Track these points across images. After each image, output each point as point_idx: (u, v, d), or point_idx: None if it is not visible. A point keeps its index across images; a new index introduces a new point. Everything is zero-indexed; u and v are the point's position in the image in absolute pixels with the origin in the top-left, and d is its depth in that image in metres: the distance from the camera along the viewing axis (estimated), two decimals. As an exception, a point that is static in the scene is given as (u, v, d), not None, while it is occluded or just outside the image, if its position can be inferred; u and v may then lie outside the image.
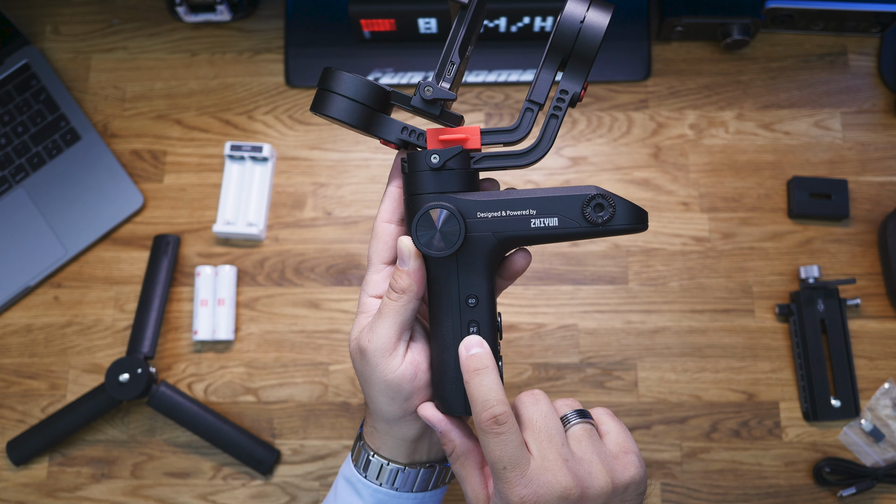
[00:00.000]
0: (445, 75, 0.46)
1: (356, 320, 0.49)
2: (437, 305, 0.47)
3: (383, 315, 0.47)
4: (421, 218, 0.45)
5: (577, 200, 0.45)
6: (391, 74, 0.86)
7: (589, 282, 0.80)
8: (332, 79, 0.46)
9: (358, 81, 0.46)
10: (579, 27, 0.44)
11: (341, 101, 0.46)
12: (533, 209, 0.45)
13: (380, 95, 0.46)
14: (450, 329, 0.47)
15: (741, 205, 0.82)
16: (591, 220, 0.45)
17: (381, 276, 0.49)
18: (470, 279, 0.46)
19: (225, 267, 0.81)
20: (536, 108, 0.46)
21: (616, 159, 0.83)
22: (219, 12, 0.86)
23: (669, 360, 0.78)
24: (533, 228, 0.45)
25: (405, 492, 0.51)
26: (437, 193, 0.46)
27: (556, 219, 0.45)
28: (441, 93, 0.45)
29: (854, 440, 0.75)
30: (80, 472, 0.78)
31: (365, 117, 0.46)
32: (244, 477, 0.77)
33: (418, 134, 0.47)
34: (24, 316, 0.82)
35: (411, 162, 0.46)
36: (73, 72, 0.89)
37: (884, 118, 0.84)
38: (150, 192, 0.85)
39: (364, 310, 0.49)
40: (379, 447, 0.50)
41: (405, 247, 0.46)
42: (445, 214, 0.45)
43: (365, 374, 0.48)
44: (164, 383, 0.76)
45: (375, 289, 0.49)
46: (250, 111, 0.87)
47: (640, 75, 0.86)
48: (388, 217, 0.49)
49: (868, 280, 0.79)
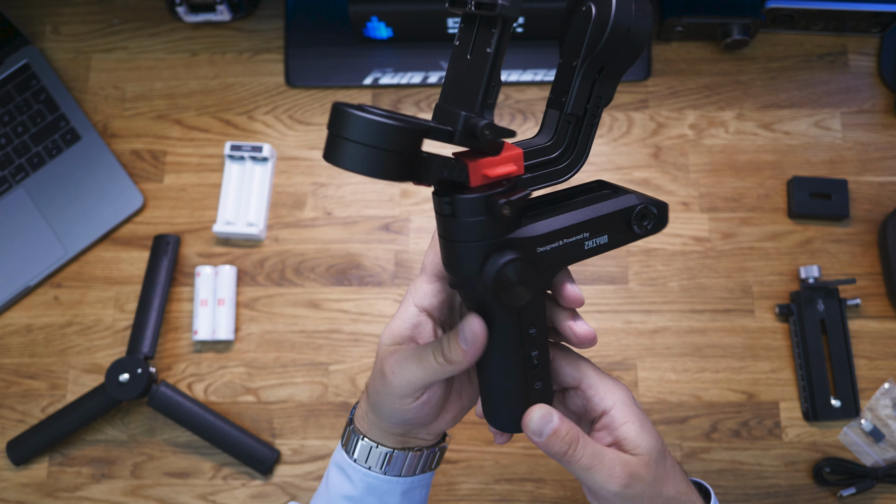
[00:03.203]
0: (487, 101, 0.38)
1: (394, 322, 0.47)
2: (500, 340, 0.44)
3: (422, 365, 0.44)
4: (498, 275, 0.40)
5: (625, 214, 0.43)
6: (391, 74, 0.86)
7: (589, 282, 0.80)
8: (346, 123, 0.35)
9: (381, 127, 0.35)
10: (626, 33, 0.39)
11: (360, 151, 0.35)
12: (586, 232, 0.43)
13: (411, 137, 0.36)
14: (515, 361, 0.45)
15: (741, 205, 0.82)
16: (639, 232, 0.44)
17: (431, 289, 0.47)
18: (533, 313, 0.44)
19: (225, 267, 0.81)
20: (574, 120, 0.42)
21: (616, 159, 0.83)
22: (219, 12, 0.86)
23: (669, 360, 0.78)
24: (586, 251, 0.43)
25: (393, 475, 0.51)
26: (494, 241, 0.40)
27: (607, 236, 0.43)
28: (500, 132, 0.38)
29: (854, 440, 0.75)
30: (80, 472, 0.78)
31: (394, 166, 0.36)
32: (244, 477, 0.77)
33: (459, 170, 0.39)
34: (24, 316, 0.82)
35: (462, 209, 0.39)
36: (73, 72, 0.89)
37: (884, 118, 0.84)
38: (150, 192, 0.85)
39: (404, 316, 0.47)
40: (368, 431, 0.50)
41: (471, 330, 0.42)
42: (522, 267, 0.40)
43: (377, 389, 0.47)
44: (164, 383, 0.76)
45: (423, 300, 0.47)
46: (250, 111, 0.87)
47: (640, 75, 0.86)
48: None
49: (868, 280, 0.79)
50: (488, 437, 0.77)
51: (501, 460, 0.76)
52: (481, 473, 0.76)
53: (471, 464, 0.76)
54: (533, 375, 0.46)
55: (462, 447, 0.76)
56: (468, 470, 0.76)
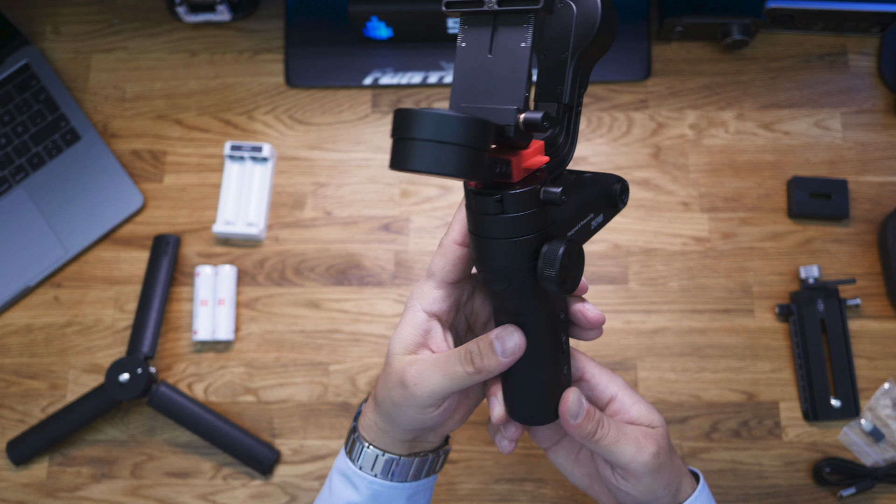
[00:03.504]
0: (527, 94, 0.39)
1: (403, 330, 0.46)
2: (536, 335, 0.45)
3: (448, 375, 0.44)
4: (562, 264, 0.40)
5: (611, 193, 0.45)
6: (391, 74, 0.86)
7: (589, 282, 0.80)
8: (424, 123, 0.35)
9: (461, 122, 0.35)
10: (609, 28, 0.41)
11: (441, 150, 0.35)
12: (591, 213, 0.44)
13: (489, 131, 0.36)
14: (551, 350, 0.45)
15: (741, 205, 0.82)
16: (620, 207, 0.46)
17: (441, 294, 0.46)
18: (562, 297, 0.45)
19: (225, 267, 0.81)
20: (567, 110, 0.43)
21: (616, 159, 0.83)
22: (219, 12, 0.86)
23: (669, 360, 0.78)
24: (592, 230, 0.45)
25: (400, 481, 0.51)
26: (543, 232, 0.41)
27: (602, 215, 0.45)
28: (554, 121, 0.40)
29: (854, 440, 0.75)
30: (80, 472, 0.78)
31: (473, 163, 0.36)
32: (244, 477, 0.77)
33: (505, 165, 0.40)
34: (24, 316, 0.82)
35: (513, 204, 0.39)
36: (73, 72, 0.89)
37: (884, 118, 0.84)
38: (150, 192, 0.85)
39: (414, 324, 0.46)
40: (376, 440, 0.50)
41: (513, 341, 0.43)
42: (576, 252, 0.41)
43: (396, 400, 0.46)
44: (164, 383, 0.76)
45: (432, 305, 0.46)
46: (250, 111, 0.87)
47: (640, 75, 0.86)
48: (459, 239, 0.45)
49: (868, 280, 0.79)
50: (488, 437, 0.77)
51: (501, 460, 0.76)
52: (481, 473, 0.76)
53: (471, 464, 0.76)
54: (564, 360, 0.47)
55: (462, 447, 0.76)
56: (468, 470, 0.76)
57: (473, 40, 0.40)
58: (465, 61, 0.40)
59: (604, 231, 0.81)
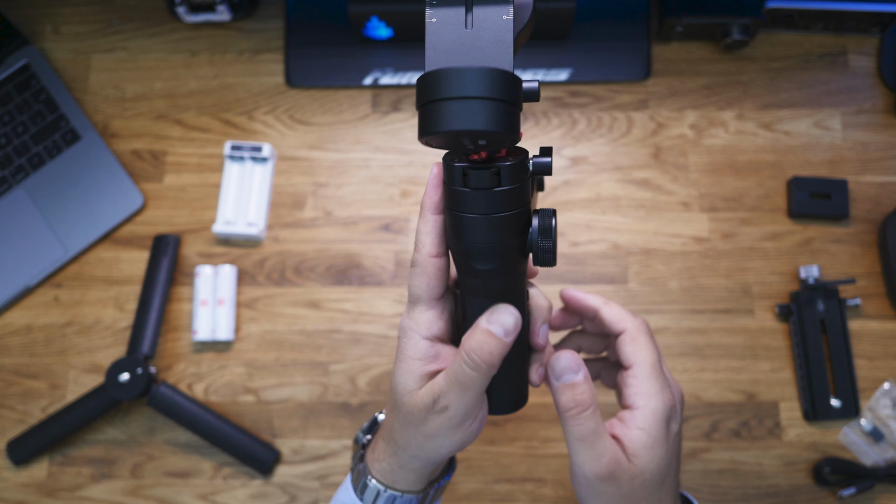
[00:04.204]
0: None
1: (406, 366, 0.44)
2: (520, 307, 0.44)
3: (466, 387, 0.42)
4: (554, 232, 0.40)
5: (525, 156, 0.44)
6: (391, 74, 0.86)
7: (589, 282, 0.80)
8: (459, 81, 0.34)
9: (501, 75, 0.34)
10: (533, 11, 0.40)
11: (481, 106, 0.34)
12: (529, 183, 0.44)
13: (520, 85, 0.36)
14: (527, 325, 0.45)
15: (741, 205, 0.82)
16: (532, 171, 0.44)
17: (434, 314, 0.44)
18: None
19: (225, 267, 0.81)
20: None
21: (616, 159, 0.83)
22: (219, 12, 0.86)
23: (669, 360, 0.78)
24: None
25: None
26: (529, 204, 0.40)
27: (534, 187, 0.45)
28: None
29: (854, 440, 0.75)
30: (80, 472, 0.78)
31: (513, 117, 0.35)
32: (244, 477, 0.77)
33: None
34: (24, 316, 0.82)
35: (509, 176, 0.38)
36: (73, 72, 0.89)
37: (884, 118, 0.84)
38: (150, 192, 0.85)
39: (419, 355, 0.44)
40: (397, 482, 0.49)
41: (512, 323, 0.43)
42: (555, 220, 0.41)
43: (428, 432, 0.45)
44: (164, 383, 0.76)
45: (430, 329, 0.44)
46: (250, 111, 0.87)
47: (640, 75, 0.86)
48: (435, 251, 0.43)
49: (868, 280, 0.79)
50: (488, 437, 0.77)
51: (501, 460, 0.76)
52: (481, 473, 0.76)
53: (471, 464, 0.76)
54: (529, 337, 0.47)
55: (462, 447, 0.76)
56: (468, 470, 0.76)
57: (445, 16, 0.38)
58: (437, 35, 0.38)
59: (604, 231, 0.81)
